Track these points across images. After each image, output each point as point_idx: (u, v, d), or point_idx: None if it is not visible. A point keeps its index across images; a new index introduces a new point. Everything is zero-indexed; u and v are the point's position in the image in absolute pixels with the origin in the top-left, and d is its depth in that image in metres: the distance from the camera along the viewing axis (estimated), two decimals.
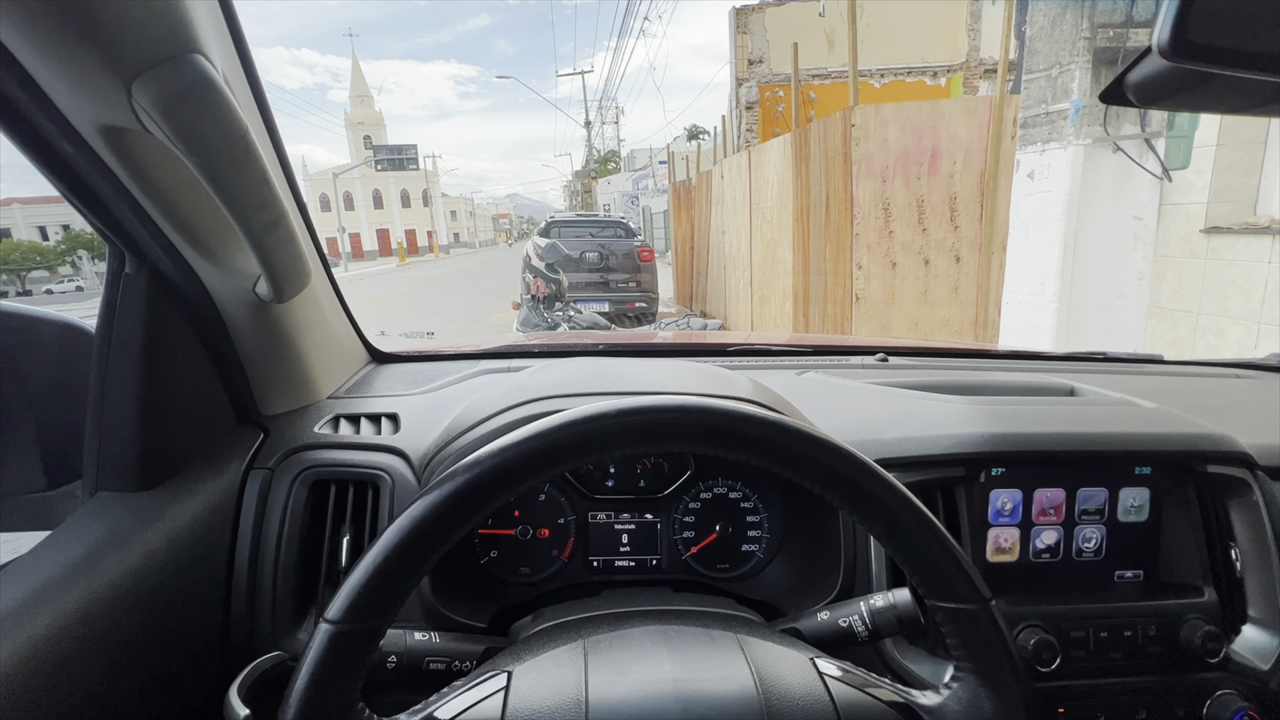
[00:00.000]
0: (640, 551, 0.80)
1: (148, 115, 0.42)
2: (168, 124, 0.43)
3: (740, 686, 0.45)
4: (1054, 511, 0.72)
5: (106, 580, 0.53)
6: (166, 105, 0.42)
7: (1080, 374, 1.08)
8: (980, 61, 8.87)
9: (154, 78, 0.41)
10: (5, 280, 26.52)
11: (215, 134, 0.45)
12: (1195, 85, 0.57)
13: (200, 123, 0.44)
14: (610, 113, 42.25)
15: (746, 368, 1.05)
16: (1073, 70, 2.56)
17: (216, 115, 0.45)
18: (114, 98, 0.42)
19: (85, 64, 0.40)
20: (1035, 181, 2.83)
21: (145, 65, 0.41)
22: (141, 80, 0.41)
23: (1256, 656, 0.68)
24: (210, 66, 0.44)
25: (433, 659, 0.58)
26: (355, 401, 0.87)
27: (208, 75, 0.43)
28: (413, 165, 37.61)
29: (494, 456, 0.41)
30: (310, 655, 0.40)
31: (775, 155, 5.84)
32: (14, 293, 25.26)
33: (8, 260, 28.07)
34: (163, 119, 0.42)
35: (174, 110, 0.43)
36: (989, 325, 4.22)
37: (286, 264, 0.60)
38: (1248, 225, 2.72)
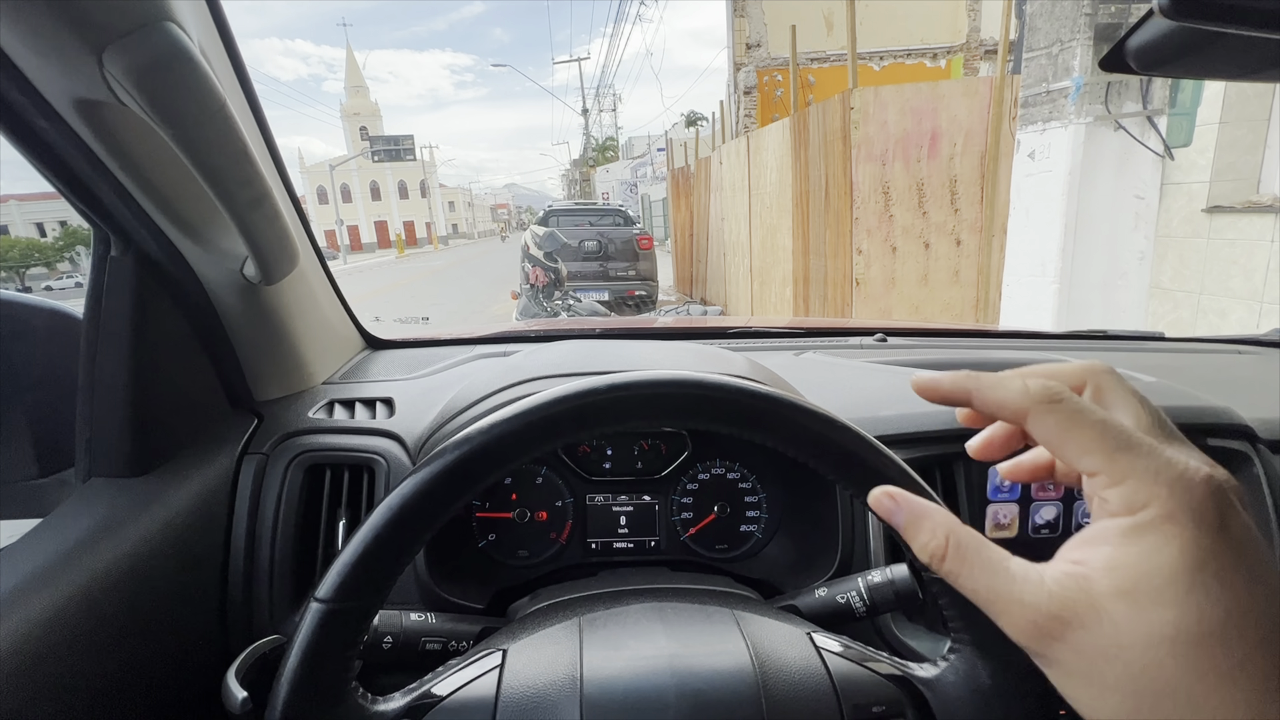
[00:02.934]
0: (638, 533, 0.80)
1: (120, 86, 0.41)
2: (141, 95, 0.42)
3: (736, 661, 0.44)
4: (1054, 487, 0.71)
5: (101, 566, 0.53)
6: (139, 75, 0.41)
7: (1081, 352, 1.07)
8: (980, 42, 8.77)
9: (125, 46, 0.40)
10: (4, 277, 26.50)
11: (191, 105, 0.44)
12: (1198, 49, 0.56)
13: (174, 93, 0.43)
14: (608, 100, 41.96)
15: (744, 349, 1.05)
16: (1074, 47, 2.53)
17: (191, 86, 0.44)
18: (85, 68, 0.41)
19: (54, 32, 0.39)
20: (1036, 161, 2.80)
21: (116, 33, 0.40)
22: (112, 49, 0.40)
23: None
24: (184, 35, 0.43)
25: (429, 639, 0.58)
26: (350, 386, 0.87)
27: (181, 44, 0.42)
28: (410, 156, 37.40)
29: (484, 433, 0.41)
30: (301, 635, 0.39)
31: (774, 140, 5.80)
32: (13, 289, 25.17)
33: (6, 257, 28.03)
34: (135, 89, 0.41)
35: (147, 80, 0.41)
36: (989, 307, 4.21)
37: (273, 244, 0.59)
38: (1250, 204, 2.70)
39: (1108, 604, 0.21)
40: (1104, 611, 0.21)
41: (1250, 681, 0.19)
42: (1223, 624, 0.20)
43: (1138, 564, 0.21)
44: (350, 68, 69.54)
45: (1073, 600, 0.22)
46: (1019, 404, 0.25)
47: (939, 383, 0.29)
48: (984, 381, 0.27)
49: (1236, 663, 0.19)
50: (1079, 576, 0.22)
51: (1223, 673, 0.20)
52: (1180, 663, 0.20)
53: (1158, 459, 0.22)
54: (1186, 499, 0.21)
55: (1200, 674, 0.20)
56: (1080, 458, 0.24)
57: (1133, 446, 0.23)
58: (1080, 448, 0.24)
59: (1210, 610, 0.20)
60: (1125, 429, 0.23)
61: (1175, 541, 0.21)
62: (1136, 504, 0.22)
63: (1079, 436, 0.24)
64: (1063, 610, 0.22)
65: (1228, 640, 0.20)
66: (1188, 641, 0.20)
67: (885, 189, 4.35)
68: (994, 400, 0.26)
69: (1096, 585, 0.22)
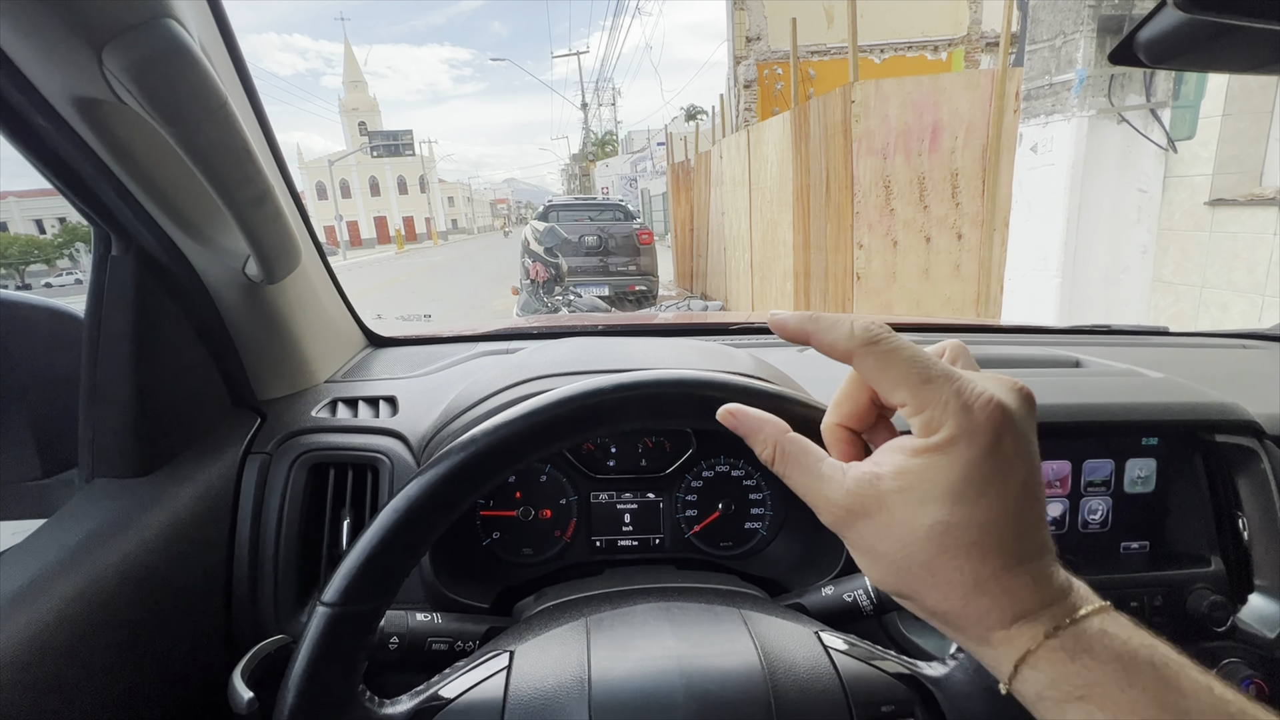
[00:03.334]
0: (643, 531, 0.80)
1: (120, 84, 0.41)
2: (141, 93, 0.41)
3: (745, 661, 0.44)
4: (1059, 484, 0.71)
5: (105, 566, 0.53)
6: (139, 73, 0.40)
7: (1085, 347, 1.06)
8: (982, 35, 8.73)
9: (125, 44, 0.40)
10: (3, 275, 26.47)
11: (192, 103, 0.44)
12: (1208, 41, 0.56)
13: (175, 91, 0.43)
14: (607, 94, 41.79)
15: (748, 345, 1.04)
16: (1077, 39, 2.51)
17: (192, 83, 0.43)
18: (85, 66, 0.40)
19: (53, 30, 0.39)
20: (1038, 155, 2.79)
21: (116, 30, 0.40)
22: (112, 46, 0.40)
23: (1263, 625, 0.67)
24: (184, 32, 0.42)
25: (435, 639, 0.58)
26: (353, 385, 0.87)
27: (182, 41, 0.42)
28: (409, 151, 37.33)
29: (489, 435, 0.40)
30: (308, 638, 0.39)
31: (774, 134, 5.78)
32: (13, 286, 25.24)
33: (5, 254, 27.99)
34: (135, 87, 0.41)
35: (147, 78, 0.41)
36: (991, 302, 4.20)
37: (275, 243, 0.59)
38: (1253, 197, 2.69)
39: (890, 500, 0.28)
40: (885, 505, 0.28)
41: (974, 557, 0.27)
42: (966, 521, 0.26)
43: (919, 473, 0.27)
44: (348, 62, 69.26)
45: (864, 495, 0.29)
46: (846, 345, 0.30)
47: (786, 322, 0.32)
48: (821, 324, 0.31)
49: (969, 544, 0.27)
50: (872, 477, 0.29)
51: (957, 550, 0.27)
52: (930, 544, 0.27)
53: (949, 390, 0.27)
54: (967, 424, 0.27)
55: (941, 550, 0.27)
56: (892, 391, 0.29)
57: (933, 380, 0.28)
58: (892, 382, 0.28)
59: (961, 511, 0.27)
60: (929, 364, 0.28)
61: (952, 459, 0.27)
62: (932, 428, 0.27)
63: (892, 372, 0.28)
64: (855, 503, 0.29)
65: (968, 530, 0.27)
66: (939, 531, 0.27)
67: (886, 183, 4.33)
68: (828, 341, 0.30)
69: (884, 485, 0.28)
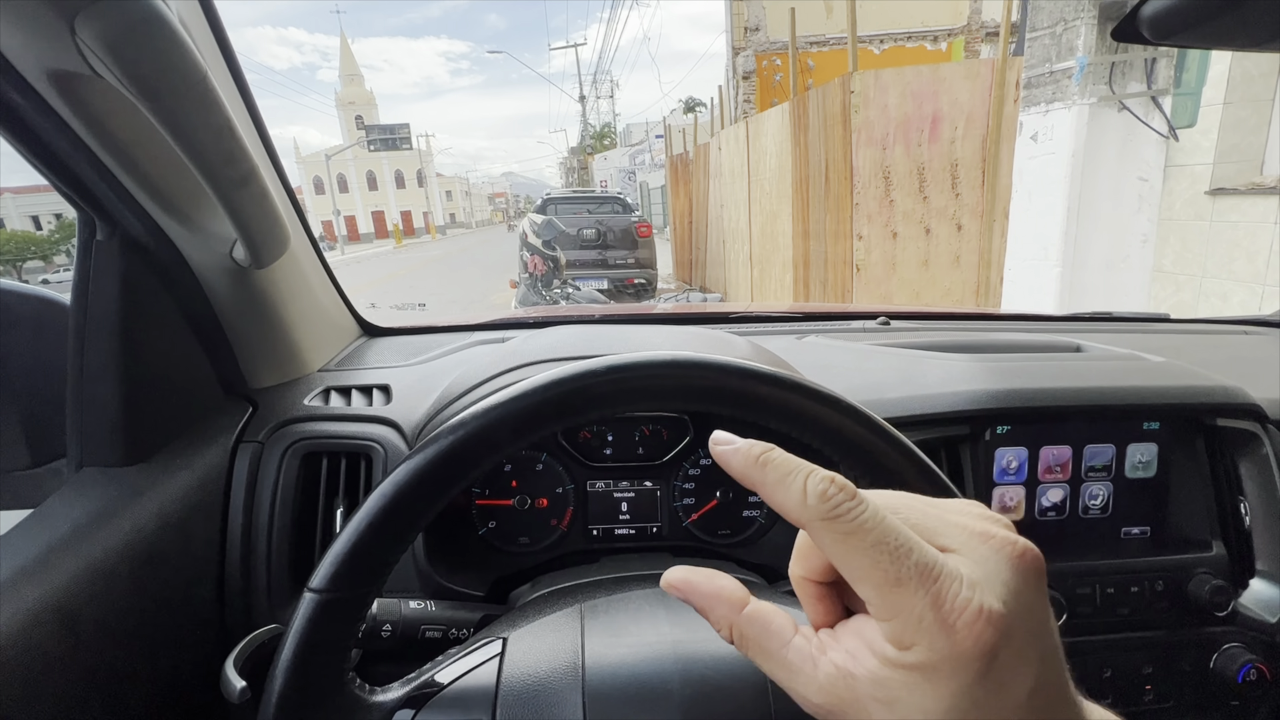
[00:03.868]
0: (640, 519, 0.79)
1: (94, 55, 0.40)
2: (115, 64, 0.40)
3: None
4: (1060, 469, 0.70)
5: (94, 555, 0.52)
6: (113, 43, 0.39)
7: (1086, 334, 1.06)
8: (982, 24, 8.68)
9: (98, 13, 0.38)
10: (1, 271, 26.38)
11: (169, 76, 0.43)
12: (1211, 17, 0.55)
13: (151, 63, 0.41)
14: (605, 87, 41.60)
15: (746, 334, 1.03)
16: (1078, 26, 2.49)
17: (169, 55, 0.42)
18: (57, 36, 0.39)
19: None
20: (1038, 144, 2.77)
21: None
22: (85, 15, 0.38)
23: (1265, 609, 0.67)
24: (160, 2, 0.41)
25: (429, 627, 0.57)
26: (346, 374, 0.86)
27: (157, 11, 0.40)
28: (406, 145, 37.21)
29: (479, 418, 0.40)
30: (295, 625, 0.38)
31: (773, 125, 5.75)
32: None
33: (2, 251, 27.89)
34: (109, 58, 0.40)
35: (121, 48, 0.40)
36: (991, 291, 4.19)
37: (262, 225, 0.58)
38: (1254, 185, 2.68)
39: (870, 705, 0.23)
40: (865, 710, 0.23)
41: None
42: None
43: (898, 690, 0.23)
44: (345, 56, 68.88)
45: (840, 696, 0.24)
46: (797, 514, 0.25)
47: (729, 458, 0.27)
48: (770, 474, 0.26)
49: None
50: (847, 675, 0.24)
51: None
52: None
53: (924, 600, 0.22)
54: (949, 649, 0.22)
55: None
56: (855, 582, 0.24)
57: (902, 583, 0.22)
58: (853, 573, 0.23)
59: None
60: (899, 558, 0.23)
61: (933, 686, 0.22)
62: (903, 643, 0.22)
63: (853, 561, 0.23)
64: (831, 703, 0.24)
65: None
66: None
67: (886, 173, 4.31)
68: (776, 501, 0.25)
69: (860, 689, 0.23)
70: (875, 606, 0.23)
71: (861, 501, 0.24)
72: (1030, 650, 0.23)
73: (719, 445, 0.28)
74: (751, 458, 0.26)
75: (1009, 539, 0.24)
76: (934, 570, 0.22)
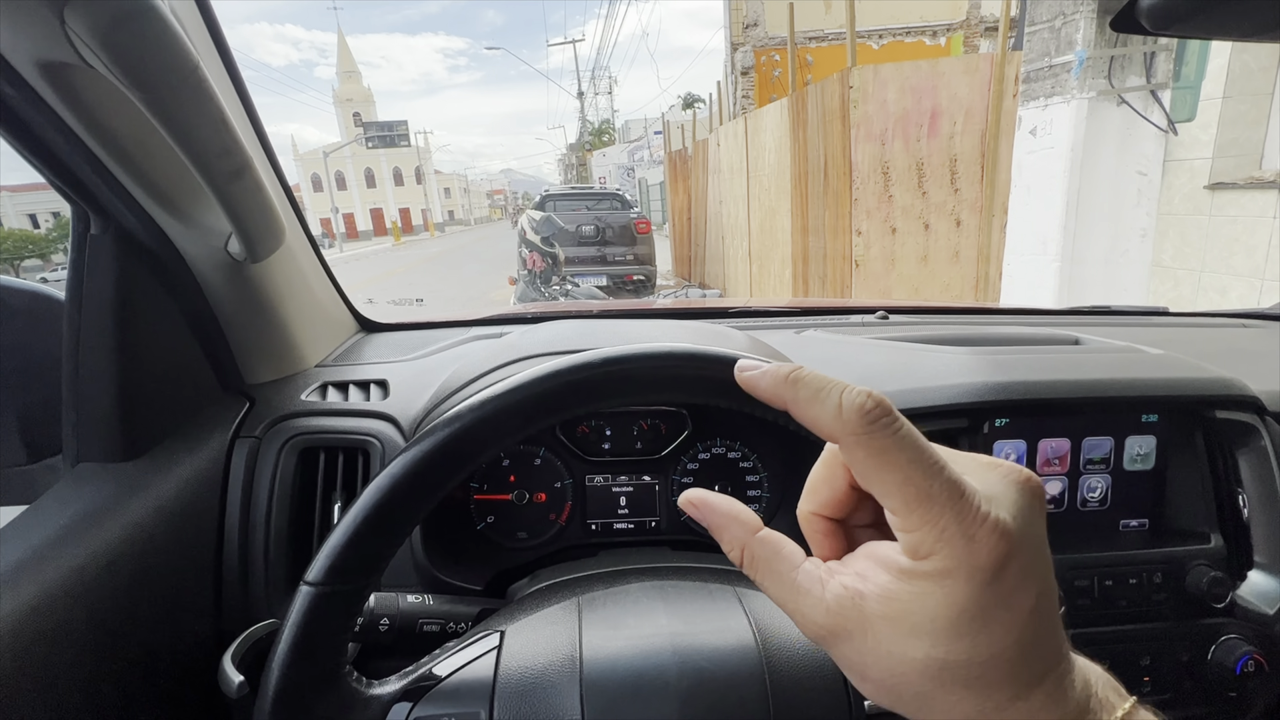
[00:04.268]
0: (639, 513, 0.79)
1: (85, 45, 0.39)
2: (106, 54, 0.39)
3: (739, 638, 0.43)
4: (1059, 462, 0.70)
5: (90, 551, 0.52)
6: (103, 32, 0.39)
7: (1085, 327, 1.06)
8: (981, 19, 8.66)
9: (88, 3, 0.38)
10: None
11: (160, 66, 0.42)
12: (1210, 6, 0.54)
13: (142, 53, 0.41)
14: (603, 83, 41.49)
15: (745, 328, 1.03)
16: (1077, 20, 2.49)
17: (160, 45, 0.42)
18: (47, 26, 0.39)
19: None
20: (1037, 138, 2.77)
21: None
22: (74, 5, 0.38)
23: (1263, 601, 0.67)
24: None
25: (426, 621, 0.57)
26: (343, 369, 0.86)
27: (148, 1, 0.40)
28: (404, 142, 37.11)
29: (475, 410, 0.39)
30: (291, 619, 0.38)
31: (772, 121, 5.74)
32: None
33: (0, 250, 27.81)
34: (100, 48, 0.39)
35: (111, 38, 0.39)
36: (990, 287, 4.19)
37: (256, 218, 0.58)
38: (1253, 179, 2.67)
39: (876, 624, 0.24)
40: (871, 629, 0.24)
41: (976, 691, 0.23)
42: (967, 658, 0.23)
43: (908, 602, 0.24)
44: (342, 53, 68.64)
45: (846, 616, 0.25)
46: (831, 427, 0.25)
47: (757, 381, 0.27)
48: (802, 391, 0.25)
49: (970, 679, 0.23)
50: (855, 595, 0.25)
51: (955, 685, 0.23)
52: (925, 678, 0.24)
53: (950, 513, 0.23)
54: (967, 557, 0.23)
55: (939, 685, 0.23)
56: (882, 496, 0.24)
57: (932, 497, 0.23)
58: (885, 486, 0.24)
59: (960, 647, 0.23)
60: (932, 473, 0.23)
61: (945, 592, 0.23)
62: (921, 552, 0.23)
63: (887, 476, 0.24)
64: (836, 624, 0.25)
65: (968, 667, 0.23)
66: (936, 667, 0.23)
67: (885, 169, 4.30)
68: (809, 416, 0.25)
69: (869, 607, 0.24)
70: (902, 518, 0.24)
71: (898, 418, 0.24)
72: (1034, 567, 0.24)
73: (745, 372, 0.28)
74: (780, 376, 0.26)
75: (1014, 467, 0.26)
76: (960, 485, 0.23)
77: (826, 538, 0.29)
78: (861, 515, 0.30)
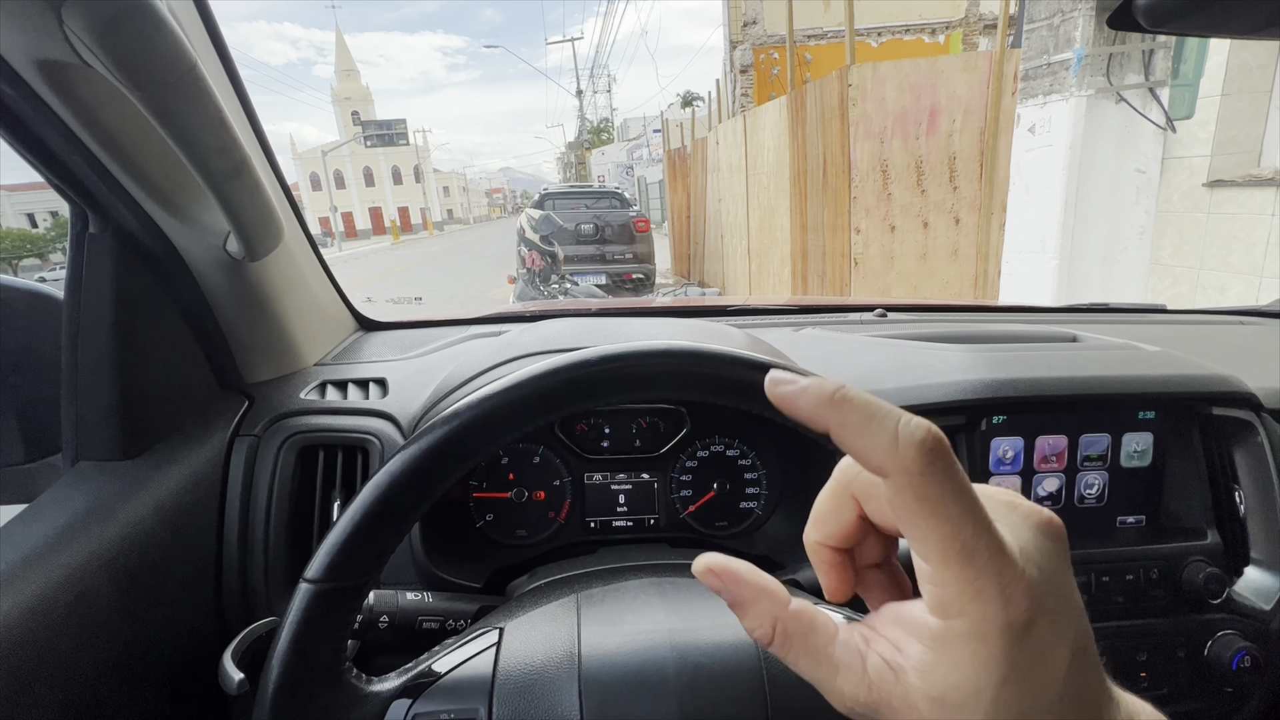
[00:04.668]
0: (638, 511, 0.79)
1: (83, 44, 0.39)
2: (104, 53, 0.40)
3: (736, 634, 0.44)
4: (1056, 458, 0.71)
5: (90, 550, 0.52)
6: (101, 31, 0.39)
7: (1083, 324, 1.06)
8: (980, 17, 8.64)
9: (85, 1, 0.38)
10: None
11: (158, 65, 0.42)
12: (1206, 4, 0.54)
13: (140, 52, 0.41)
14: (602, 81, 41.43)
15: (744, 326, 1.03)
16: (1075, 18, 2.49)
17: (158, 44, 0.42)
18: (44, 24, 0.39)
19: None
20: (1036, 136, 2.77)
21: None
22: (72, 4, 0.38)
23: (1259, 597, 0.67)
24: None
25: (426, 618, 0.57)
26: (342, 367, 0.86)
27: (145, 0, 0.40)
28: (403, 141, 36.99)
29: (473, 408, 0.40)
30: (290, 616, 0.38)
31: (771, 119, 5.73)
32: None
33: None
34: (98, 47, 0.39)
35: (109, 37, 0.39)
36: (989, 284, 4.19)
37: (255, 217, 0.58)
38: (1251, 177, 2.67)
39: (918, 701, 0.23)
40: (915, 707, 0.23)
41: None
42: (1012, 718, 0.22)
43: (946, 674, 0.22)
44: (340, 51, 68.52)
45: (888, 693, 0.23)
46: (881, 462, 0.22)
47: (795, 399, 0.24)
48: (850, 415, 0.22)
49: None
50: (895, 669, 0.23)
51: None
52: None
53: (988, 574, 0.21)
54: (998, 616, 0.21)
55: None
56: (919, 544, 0.22)
57: (971, 557, 0.21)
58: (923, 538, 0.22)
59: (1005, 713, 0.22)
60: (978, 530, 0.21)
61: (981, 658, 0.22)
62: (951, 611, 0.22)
63: (928, 526, 0.22)
64: (879, 701, 0.23)
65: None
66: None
67: (883, 167, 4.30)
68: (857, 445, 0.22)
69: (909, 682, 0.23)
70: (936, 570, 0.22)
71: (955, 461, 0.22)
72: (1066, 616, 0.22)
73: (779, 386, 0.24)
74: (824, 395, 0.23)
75: (1033, 508, 0.24)
76: (1002, 543, 0.22)
77: (834, 569, 0.28)
78: (869, 552, 0.28)
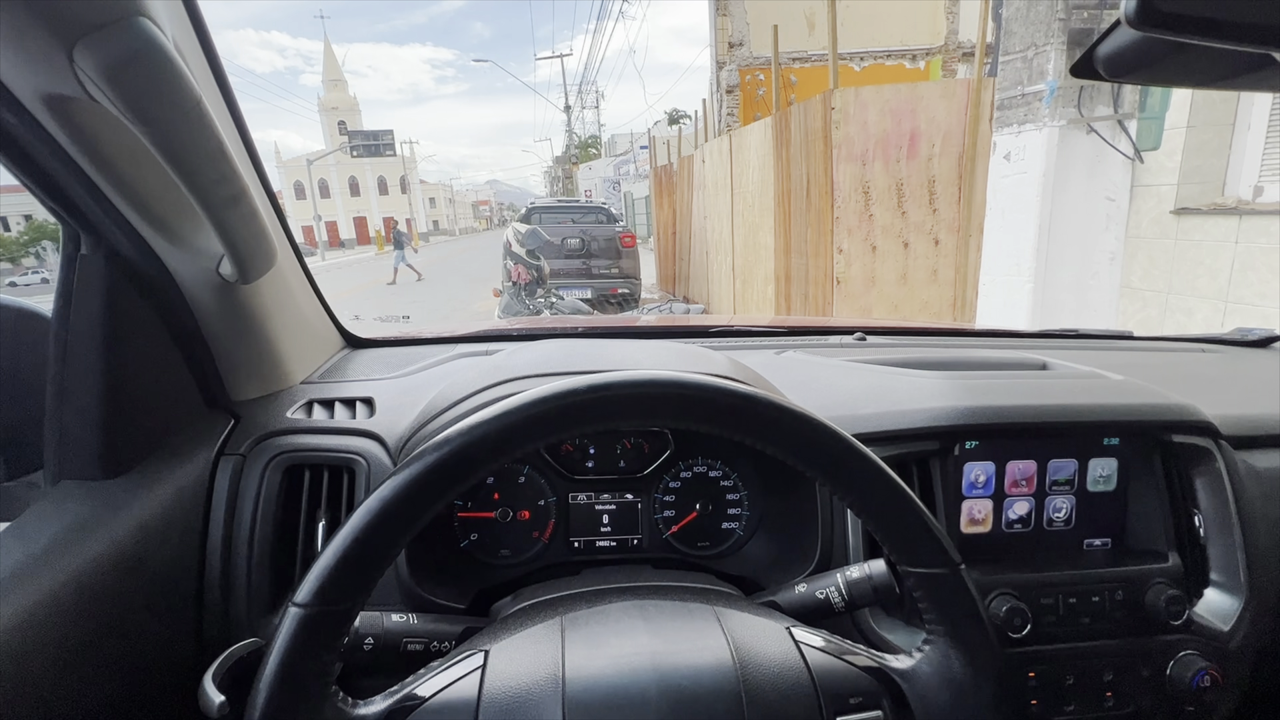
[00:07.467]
0: (621, 531, 0.80)
1: (92, 82, 0.40)
2: (113, 91, 0.41)
3: (717, 656, 0.45)
4: (1025, 483, 0.73)
5: (71, 569, 0.52)
6: (111, 71, 0.40)
7: (1053, 350, 1.09)
8: (959, 45, 8.89)
9: (97, 42, 0.39)
10: None
11: (165, 102, 0.43)
12: (1164, 57, 0.58)
13: (148, 90, 0.42)
14: (590, 97, 41.76)
15: (726, 348, 1.05)
16: (1048, 51, 2.58)
17: (165, 83, 0.43)
18: (56, 64, 0.40)
19: (23, 26, 0.38)
20: (1011, 163, 2.86)
21: (88, 28, 0.39)
22: (84, 44, 0.39)
23: (1217, 618, 0.70)
24: (157, 30, 0.42)
25: (410, 640, 0.58)
26: (329, 386, 0.86)
27: (155, 40, 0.41)
28: (389, 151, 36.83)
29: (463, 435, 0.41)
30: (279, 640, 0.39)
31: (756, 139, 5.83)
32: None
33: None
34: (107, 86, 0.40)
35: (119, 77, 0.41)
36: (967, 306, 4.27)
37: (250, 242, 0.59)
38: (1216, 206, 2.78)
39: None
40: None
41: None
42: None
43: None
44: (328, 61, 68.32)
45: None
46: None
47: None
48: None
49: None
50: None
51: None
52: None
53: None
54: None
55: None
56: None
57: None
58: None
59: None
60: None
61: None
62: None
63: None
64: None
65: None
66: None
67: (865, 189, 4.39)
68: None
69: None
70: None
71: None
72: None
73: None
74: None
75: None
76: None
77: None
78: None
